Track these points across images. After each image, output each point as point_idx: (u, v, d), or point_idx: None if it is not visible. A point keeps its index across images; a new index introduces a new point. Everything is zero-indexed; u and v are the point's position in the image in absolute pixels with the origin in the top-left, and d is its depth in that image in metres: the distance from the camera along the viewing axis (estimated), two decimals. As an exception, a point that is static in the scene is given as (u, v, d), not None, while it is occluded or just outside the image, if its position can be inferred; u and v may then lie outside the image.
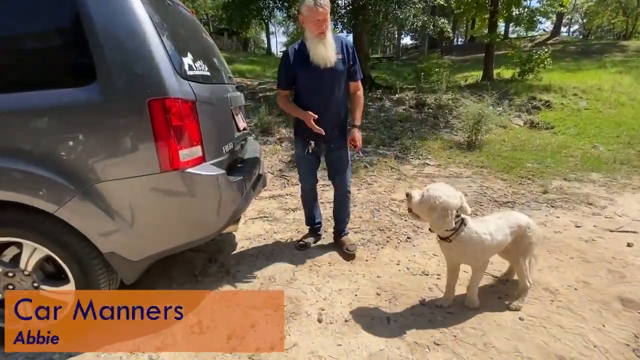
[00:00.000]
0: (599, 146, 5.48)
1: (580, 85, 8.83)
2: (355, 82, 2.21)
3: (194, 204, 1.59)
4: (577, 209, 3.24)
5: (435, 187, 1.64)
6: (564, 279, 2.11)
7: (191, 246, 1.70)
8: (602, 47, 16.85)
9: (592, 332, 1.66)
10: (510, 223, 1.78)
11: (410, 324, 1.70)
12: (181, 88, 1.49)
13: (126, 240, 1.50)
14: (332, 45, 1.99)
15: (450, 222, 1.60)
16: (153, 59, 1.41)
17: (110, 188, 1.43)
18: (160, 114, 1.42)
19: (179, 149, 1.48)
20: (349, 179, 2.38)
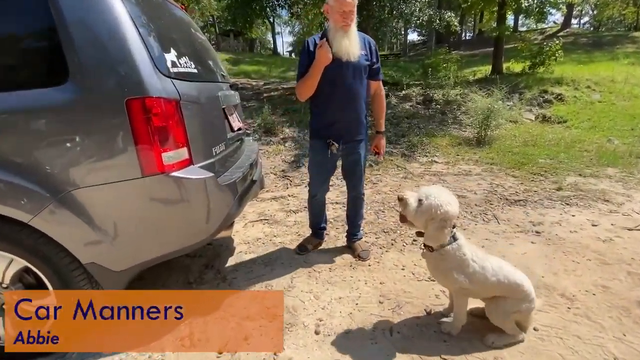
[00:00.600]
0: (614, 140, 5.24)
1: (592, 78, 8.52)
2: (377, 82, 2.13)
3: (181, 210, 1.50)
4: (593, 206, 3.07)
5: (434, 193, 1.43)
6: (582, 284, 1.96)
7: (180, 254, 1.60)
8: (614, 39, 16.34)
9: (612, 342, 1.52)
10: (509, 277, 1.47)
11: (415, 335, 1.58)
12: (163, 86, 1.39)
13: (107, 250, 1.41)
14: (357, 39, 1.91)
15: (448, 233, 1.42)
16: (130, 55, 1.32)
17: (89, 195, 1.34)
18: (139, 114, 1.33)
19: (162, 152, 1.39)
20: (363, 183, 2.29)
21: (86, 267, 1.42)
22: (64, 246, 1.36)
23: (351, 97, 2.00)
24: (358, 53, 1.90)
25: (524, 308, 1.45)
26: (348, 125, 2.05)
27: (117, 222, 1.41)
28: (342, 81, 1.96)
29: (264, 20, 12.61)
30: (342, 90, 1.97)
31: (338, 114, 2.01)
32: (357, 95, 2.01)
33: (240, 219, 2.99)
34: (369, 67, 2.02)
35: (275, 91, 9.05)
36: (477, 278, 1.45)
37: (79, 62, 1.28)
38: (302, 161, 4.68)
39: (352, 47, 1.87)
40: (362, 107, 2.06)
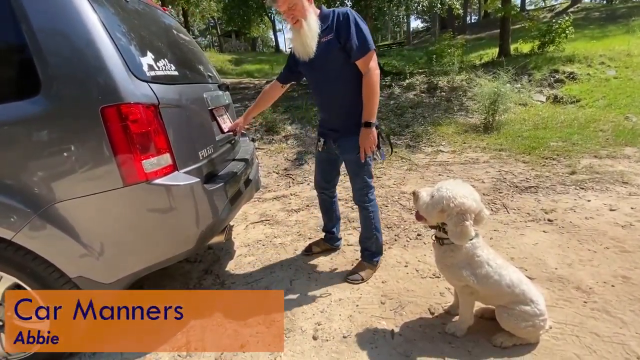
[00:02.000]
0: (632, 117, 4.97)
1: (607, 53, 8.12)
2: (360, 60, 1.68)
3: (168, 218, 1.45)
4: (611, 189, 2.90)
5: (447, 185, 1.33)
6: (599, 275, 1.83)
7: (173, 262, 1.56)
8: (629, 11, 15.54)
9: (634, 339, 1.40)
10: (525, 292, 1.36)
11: (417, 337, 1.50)
12: (139, 91, 1.34)
13: (94, 263, 1.37)
14: (312, 32, 1.65)
15: (472, 228, 1.28)
16: (102, 61, 1.26)
17: (71, 208, 1.31)
18: (116, 121, 1.28)
19: (142, 159, 1.34)
20: (364, 191, 1.91)
21: (75, 281, 1.40)
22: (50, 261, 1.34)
23: (324, 94, 1.82)
24: (312, 50, 1.66)
25: (536, 324, 1.35)
26: (331, 123, 1.88)
27: (102, 234, 1.38)
28: (312, 80, 1.86)
29: (262, 18, 12.51)
30: (314, 89, 1.88)
31: (321, 112, 1.91)
32: (331, 92, 1.78)
33: (241, 220, 2.95)
34: (340, 50, 1.66)
35: (277, 88, 8.97)
36: (490, 283, 1.35)
37: (50, 72, 1.24)
38: (304, 158, 4.61)
39: (303, 46, 1.67)
40: (345, 103, 1.77)
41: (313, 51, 1.67)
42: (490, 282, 1.35)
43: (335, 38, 1.66)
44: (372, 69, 1.68)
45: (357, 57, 1.67)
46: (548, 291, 1.71)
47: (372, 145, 1.74)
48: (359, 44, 1.64)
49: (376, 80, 1.69)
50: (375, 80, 1.68)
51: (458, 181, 1.37)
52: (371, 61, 1.68)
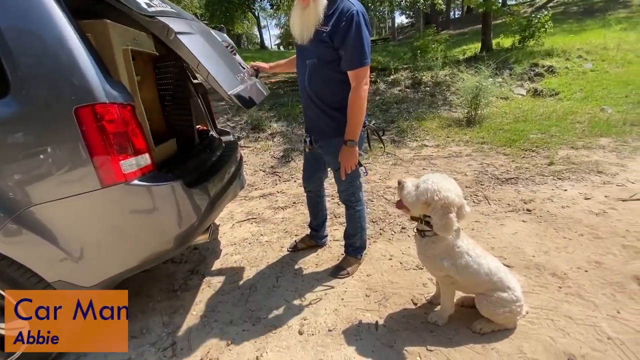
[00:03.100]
0: (607, 109, 5.15)
1: (584, 47, 8.36)
2: (351, 72, 1.54)
3: (149, 219, 1.44)
4: (586, 179, 3.00)
5: (433, 178, 1.35)
6: (574, 261, 1.91)
7: (155, 263, 1.54)
8: (605, 5, 15.99)
9: (605, 320, 1.47)
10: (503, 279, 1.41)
11: (400, 328, 1.54)
12: (115, 90, 1.32)
13: (73, 266, 1.35)
14: (316, 17, 1.48)
15: (455, 220, 1.31)
16: (74, 60, 1.24)
17: (47, 211, 1.28)
18: (90, 122, 1.26)
19: (119, 160, 1.32)
20: (350, 191, 1.86)
21: (54, 286, 1.37)
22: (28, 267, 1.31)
23: (308, 87, 1.69)
24: (308, 36, 1.53)
25: (513, 309, 1.40)
26: (312, 121, 1.78)
27: (80, 237, 1.36)
28: (298, 67, 1.73)
29: (246, 14, 12.34)
30: (299, 78, 1.76)
31: (303, 108, 1.83)
32: (314, 87, 1.67)
33: (227, 219, 2.94)
34: (332, 50, 1.53)
35: (262, 86, 8.91)
36: (469, 272, 1.39)
37: (19, 72, 1.21)
38: (291, 156, 4.60)
39: (301, 28, 1.53)
40: (324, 100, 1.67)
41: (308, 38, 1.55)
42: (470, 272, 1.39)
43: (329, 35, 1.50)
44: (362, 85, 1.53)
45: (348, 68, 1.54)
46: (525, 278, 1.78)
47: (353, 164, 1.67)
48: (353, 56, 1.50)
49: (364, 96, 1.55)
50: (362, 96, 1.55)
51: (443, 175, 1.40)
52: (363, 76, 1.53)
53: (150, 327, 1.71)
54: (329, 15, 1.50)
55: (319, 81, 1.65)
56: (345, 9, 1.48)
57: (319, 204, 2.18)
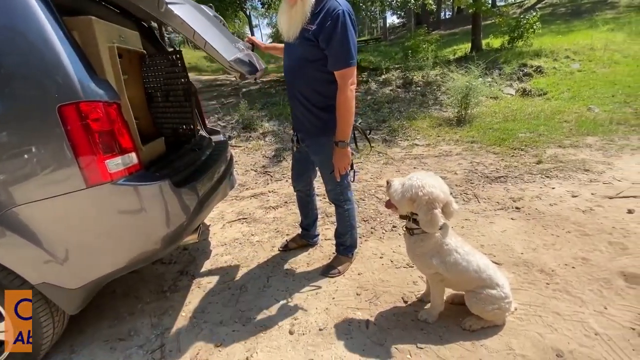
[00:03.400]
0: (594, 108, 5.25)
1: (571, 47, 8.51)
2: (337, 73, 1.53)
3: (136, 219, 1.41)
4: (574, 177, 3.06)
5: (418, 175, 1.38)
6: (561, 257, 1.93)
7: (142, 264, 1.51)
8: (593, 6, 16.30)
9: (592, 316, 1.50)
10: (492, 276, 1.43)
11: (391, 326, 1.54)
12: (100, 88, 1.29)
13: (58, 268, 1.32)
14: (303, 15, 1.48)
15: (440, 216, 1.33)
16: (58, 58, 1.20)
17: (30, 212, 1.25)
18: (75, 120, 1.23)
19: (105, 159, 1.29)
20: (337, 189, 1.85)
21: (38, 288, 1.34)
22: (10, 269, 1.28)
23: (292, 87, 1.69)
24: (294, 34, 1.52)
25: (502, 306, 1.41)
26: (298, 120, 1.75)
27: (66, 238, 1.32)
28: (285, 65, 1.70)
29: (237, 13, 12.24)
30: (286, 76, 1.73)
31: (290, 107, 1.79)
32: (299, 85, 1.65)
33: (218, 219, 2.91)
34: (317, 49, 1.51)
35: (254, 85, 8.88)
36: (458, 270, 1.40)
37: (1, 70, 1.18)
38: (283, 155, 4.59)
39: (288, 26, 1.52)
40: (309, 99, 1.65)
41: (294, 36, 1.55)
42: (459, 269, 1.40)
43: (314, 34, 1.48)
44: (348, 85, 1.51)
45: (333, 69, 1.53)
46: (514, 275, 1.80)
47: (347, 165, 1.66)
48: (339, 56, 1.48)
49: (351, 97, 1.53)
50: (349, 97, 1.53)
51: (429, 173, 1.41)
52: (349, 77, 1.51)
53: (138, 329, 1.69)
54: (315, 14, 1.49)
55: (304, 80, 1.63)
56: (332, 8, 1.46)
57: (309, 204, 2.17)
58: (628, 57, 8.05)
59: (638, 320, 1.45)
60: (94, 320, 1.76)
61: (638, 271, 1.75)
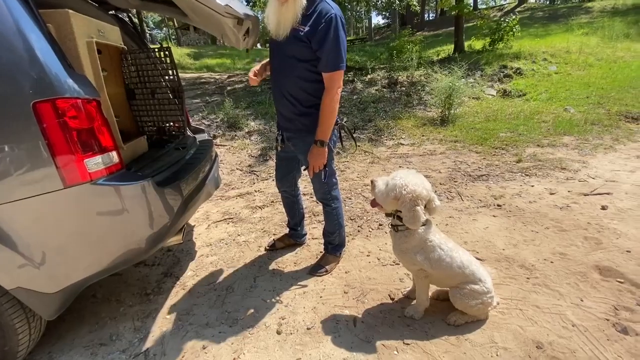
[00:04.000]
0: (570, 109, 5.45)
1: (549, 50, 8.80)
2: (324, 74, 1.56)
3: (117, 221, 1.37)
4: (551, 175, 3.17)
5: (401, 174, 1.41)
6: (540, 253, 2.00)
7: (124, 267, 1.48)
8: (569, 11, 16.93)
9: (570, 309, 1.55)
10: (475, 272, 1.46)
11: (378, 323, 1.55)
12: (78, 84, 1.25)
13: (34, 272, 1.27)
14: (294, 15, 1.48)
15: (423, 213, 1.37)
16: (33, 52, 1.16)
17: (4, 213, 1.19)
18: (51, 118, 1.18)
19: (84, 158, 1.25)
20: (324, 188, 1.86)
21: (13, 293, 1.28)
22: (-19, 273, 1.22)
23: (280, 85, 1.68)
24: (284, 33, 1.52)
25: (485, 301, 1.45)
26: (285, 119, 1.75)
27: (42, 240, 1.27)
28: (274, 63, 1.70)
29: (222, 10, 12.01)
30: (273, 75, 1.72)
31: (276, 105, 1.78)
32: (286, 83, 1.65)
33: (203, 220, 2.86)
34: (308, 49, 1.53)
35: (239, 84, 8.78)
36: (442, 266, 1.43)
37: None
38: (269, 154, 4.55)
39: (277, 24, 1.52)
40: (298, 98, 1.66)
41: (284, 35, 1.53)
42: (443, 265, 1.43)
43: (307, 36, 1.50)
44: (335, 88, 1.57)
45: (323, 71, 1.56)
46: (496, 270, 1.85)
47: (321, 164, 1.69)
48: (331, 59, 1.51)
49: (337, 100, 1.59)
50: (335, 100, 1.58)
51: (411, 171, 1.43)
52: (337, 80, 1.56)
53: (120, 333, 1.64)
54: (307, 16, 1.51)
55: (294, 79, 1.63)
56: (325, 11, 1.49)
57: (295, 203, 2.16)
58: (601, 60, 8.41)
59: (612, 312, 1.52)
60: (74, 325, 1.70)
61: (611, 265, 1.83)
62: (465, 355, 1.35)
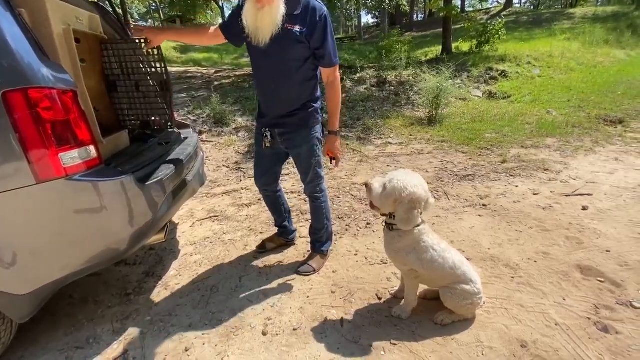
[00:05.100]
0: (552, 111, 5.58)
1: (533, 54, 9.01)
2: (326, 69, 1.66)
3: (95, 218, 1.31)
4: (535, 176, 3.23)
5: (398, 176, 1.37)
6: (524, 252, 2.03)
7: (102, 267, 1.41)
8: (552, 16, 17.38)
9: (553, 307, 1.58)
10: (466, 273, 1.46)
11: (365, 323, 1.54)
12: (53, 74, 1.18)
13: (3, 273, 1.19)
14: (273, 19, 1.45)
15: (418, 215, 1.37)
16: (3, 39, 1.08)
17: (-32, 210, 1.12)
18: (22, 108, 1.11)
19: (59, 152, 1.19)
20: (316, 182, 1.88)
21: (-21, 295, 1.21)
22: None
23: (276, 86, 1.66)
24: (266, 38, 1.50)
25: (475, 301, 1.45)
26: (280, 117, 1.73)
27: (12, 239, 1.20)
28: (262, 67, 1.67)
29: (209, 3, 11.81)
30: (264, 77, 1.70)
31: (267, 104, 1.76)
32: (285, 85, 1.65)
33: (187, 218, 2.79)
34: (307, 49, 1.57)
35: (226, 79, 8.63)
36: (434, 267, 1.42)
37: None
38: (256, 151, 4.49)
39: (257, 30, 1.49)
40: (299, 97, 1.69)
41: (267, 40, 1.50)
42: (435, 266, 1.43)
43: (305, 35, 1.52)
44: (338, 79, 1.71)
45: (326, 66, 1.66)
46: (482, 270, 1.86)
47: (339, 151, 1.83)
48: (331, 54, 1.61)
49: (340, 89, 1.75)
50: (340, 89, 1.74)
51: (408, 171, 1.41)
52: (337, 72, 1.70)
53: (98, 335, 1.57)
54: (296, 15, 1.51)
55: (292, 80, 1.64)
56: (318, 9, 1.53)
57: (278, 199, 2.11)
58: (582, 65, 8.67)
59: (593, 310, 1.55)
60: (48, 328, 1.62)
61: (592, 264, 1.87)
62: (451, 354, 1.35)
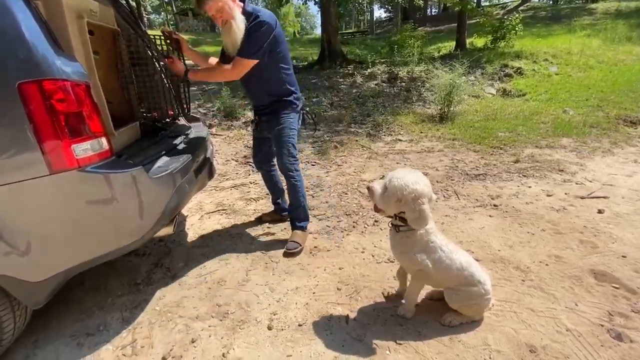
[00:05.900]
0: (569, 110, 5.44)
1: (550, 51, 8.77)
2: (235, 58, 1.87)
3: (106, 210, 1.33)
4: (549, 176, 3.15)
5: (397, 175, 1.35)
6: (536, 255, 1.99)
7: (114, 256, 1.43)
8: (571, 11, 16.86)
9: (564, 313, 1.54)
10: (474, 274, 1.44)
11: (371, 322, 1.53)
12: (67, 66, 1.19)
13: (19, 260, 1.22)
14: (240, 31, 1.80)
15: (429, 211, 1.32)
16: (19, 31, 1.09)
17: (-17, 199, 1.14)
18: (37, 100, 1.13)
19: (72, 143, 1.20)
20: (289, 160, 2.06)
21: (-5, 281, 1.24)
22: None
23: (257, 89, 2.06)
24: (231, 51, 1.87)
25: (482, 302, 1.43)
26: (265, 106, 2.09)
27: (27, 228, 1.22)
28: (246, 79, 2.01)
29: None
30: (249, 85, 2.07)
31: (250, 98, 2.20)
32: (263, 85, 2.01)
33: (196, 210, 2.82)
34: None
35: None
36: (442, 267, 1.41)
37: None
38: (265, 146, 4.49)
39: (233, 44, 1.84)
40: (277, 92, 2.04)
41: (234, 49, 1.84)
42: (443, 266, 1.41)
43: None
44: (232, 70, 1.87)
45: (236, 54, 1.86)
46: (491, 271, 1.83)
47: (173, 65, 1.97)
48: (244, 49, 1.83)
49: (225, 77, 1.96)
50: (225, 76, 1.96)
51: (406, 169, 1.39)
52: (238, 65, 1.85)
53: (108, 323, 1.61)
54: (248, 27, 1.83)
55: (268, 81, 1.98)
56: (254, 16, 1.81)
57: (273, 178, 2.42)
58: (602, 63, 8.40)
59: (606, 317, 1.51)
60: (61, 315, 1.67)
61: (606, 269, 1.82)
62: (457, 357, 1.34)
